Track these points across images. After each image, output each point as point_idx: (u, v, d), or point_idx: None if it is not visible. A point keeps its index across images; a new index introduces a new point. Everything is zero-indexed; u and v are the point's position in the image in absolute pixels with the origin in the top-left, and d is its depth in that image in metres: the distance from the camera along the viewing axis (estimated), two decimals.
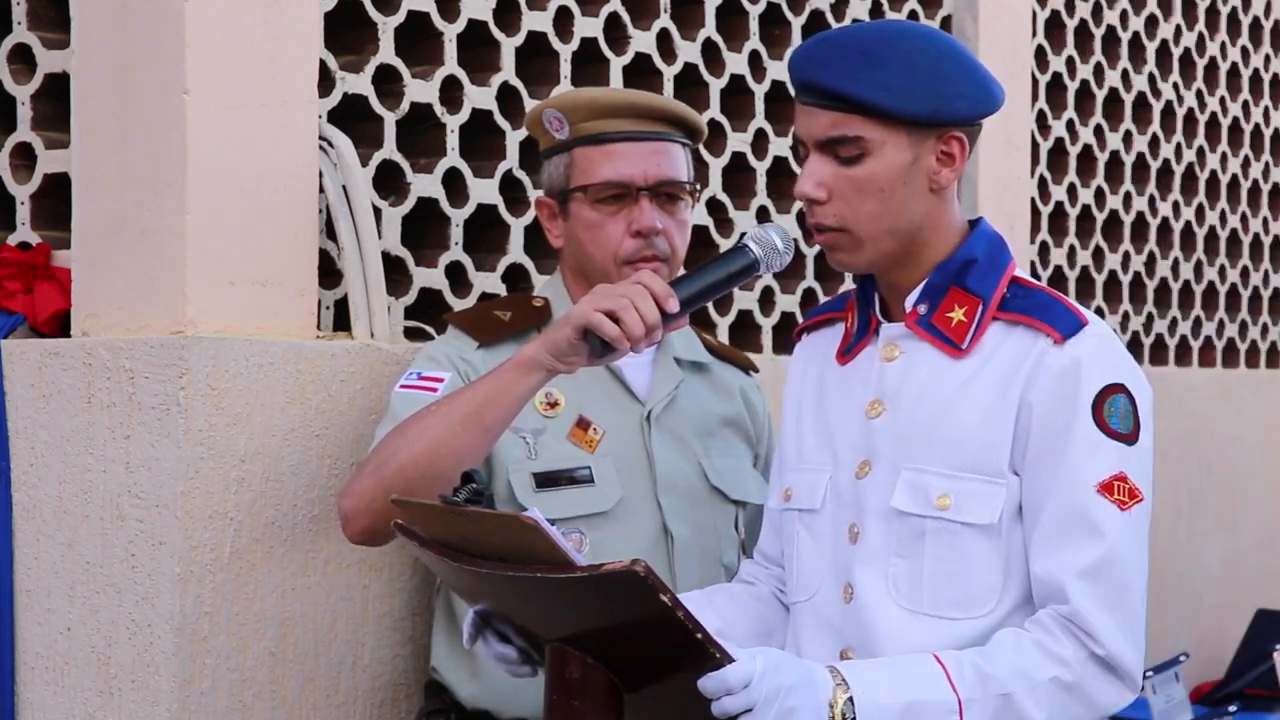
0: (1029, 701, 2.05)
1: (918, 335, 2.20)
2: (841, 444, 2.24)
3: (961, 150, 2.17)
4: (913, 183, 2.15)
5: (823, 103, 2.14)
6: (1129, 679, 2.10)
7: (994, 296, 2.17)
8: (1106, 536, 2.08)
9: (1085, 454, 2.09)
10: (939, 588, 2.14)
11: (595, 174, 2.59)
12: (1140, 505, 2.11)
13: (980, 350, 2.17)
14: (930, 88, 2.12)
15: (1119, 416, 2.11)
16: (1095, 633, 2.06)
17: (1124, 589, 2.09)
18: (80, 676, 2.68)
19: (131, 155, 2.68)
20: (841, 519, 2.22)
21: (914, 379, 2.19)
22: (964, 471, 2.13)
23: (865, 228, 2.15)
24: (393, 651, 2.83)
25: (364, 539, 2.46)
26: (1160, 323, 4.91)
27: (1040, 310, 2.15)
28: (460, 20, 3.08)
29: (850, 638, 2.19)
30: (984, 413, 2.14)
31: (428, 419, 2.37)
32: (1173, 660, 3.92)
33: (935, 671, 2.05)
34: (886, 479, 2.18)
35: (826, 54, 2.13)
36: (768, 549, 2.43)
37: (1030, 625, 2.10)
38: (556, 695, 1.98)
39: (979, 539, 2.13)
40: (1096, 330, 2.15)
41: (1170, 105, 4.94)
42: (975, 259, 2.19)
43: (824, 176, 2.16)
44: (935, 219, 2.19)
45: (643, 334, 2.22)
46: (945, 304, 2.18)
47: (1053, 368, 2.12)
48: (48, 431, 2.71)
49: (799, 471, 2.30)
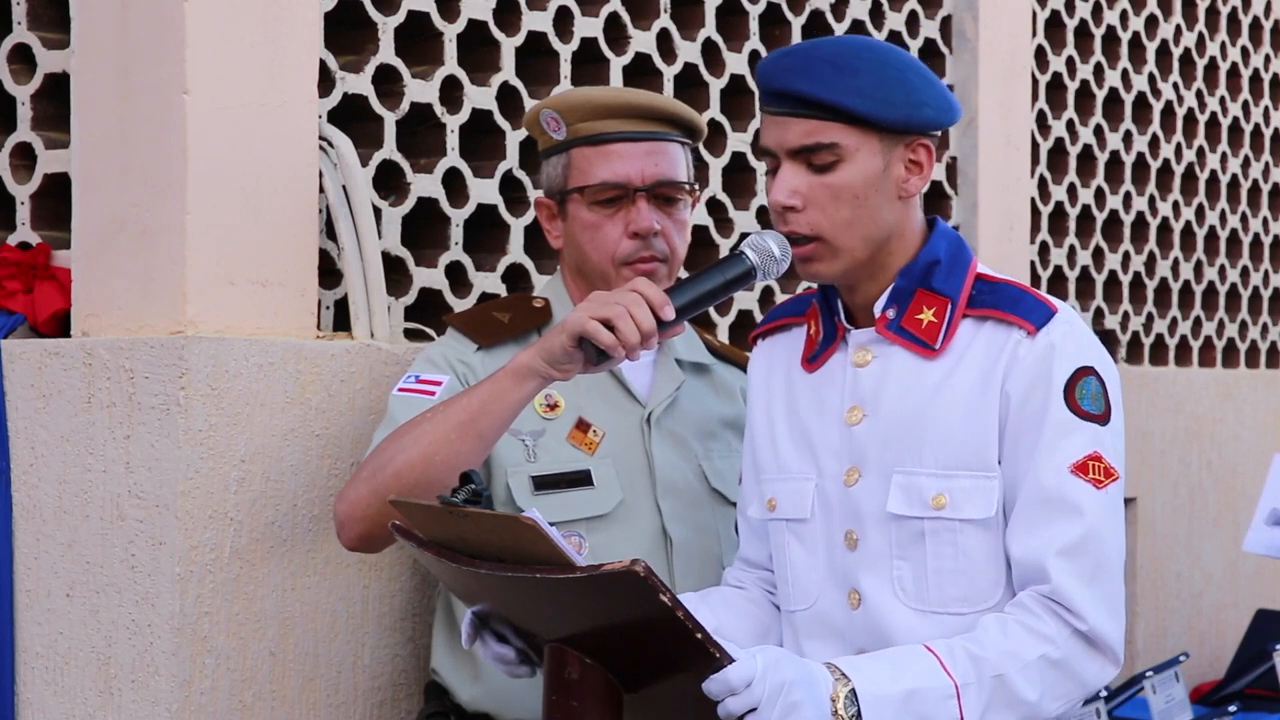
0: (1021, 680, 2.09)
1: (888, 339, 2.23)
2: (823, 452, 2.26)
3: (929, 158, 2.23)
4: (884, 190, 2.20)
5: (797, 111, 2.17)
6: (1111, 653, 2.14)
7: (961, 295, 2.22)
8: (1085, 515, 2.12)
9: (1060, 436, 2.14)
10: (944, 585, 2.17)
11: (592, 175, 2.59)
12: (1115, 484, 2.16)
13: (953, 349, 2.21)
14: (900, 95, 2.17)
15: (1090, 398, 2.16)
16: (1077, 608, 2.11)
17: (1102, 565, 2.13)
18: (80, 676, 2.68)
19: (131, 155, 2.68)
20: (835, 526, 2.24)
21: (890, 383, 2.22)
22: (955, 469, 2.17)
23: (841, 236, 2.19)
24: (393, 651, 2.83)
25: (359, 545, 2.46)
26: (1160, 323, 4.91)
27: (1010, 304, 2.20)
28: (460, 20, 3.08)
29: (860, 642, 2.21)
30: (966, 409, 2.17)
31: (423, 425, 2.37)
32: (1173, 660, 3.92)
33: (929, 660, 2.08)
34: (878, 484, 2.20)
35: (798, 64, 2.17)
36: (750, 555, 2.44)
37: (1012, 608, 2.13)
38: (555, 695, 1.98)
39: (978, 533, 2.17)
40: (1066, 317, 2.20)
41: (1170, 105, 4.94)
42: (938, 260, 2.23)
43: (798, 184, 2.19)
44: (902, 226, 2.23)
45: (638, 342, 2.22)
46: (913, 306, 2.22)
47: (1027, 358, 2.16)
48: (48, 431, 2.71)
49: (781, 481, 2.31)
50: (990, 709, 2.08)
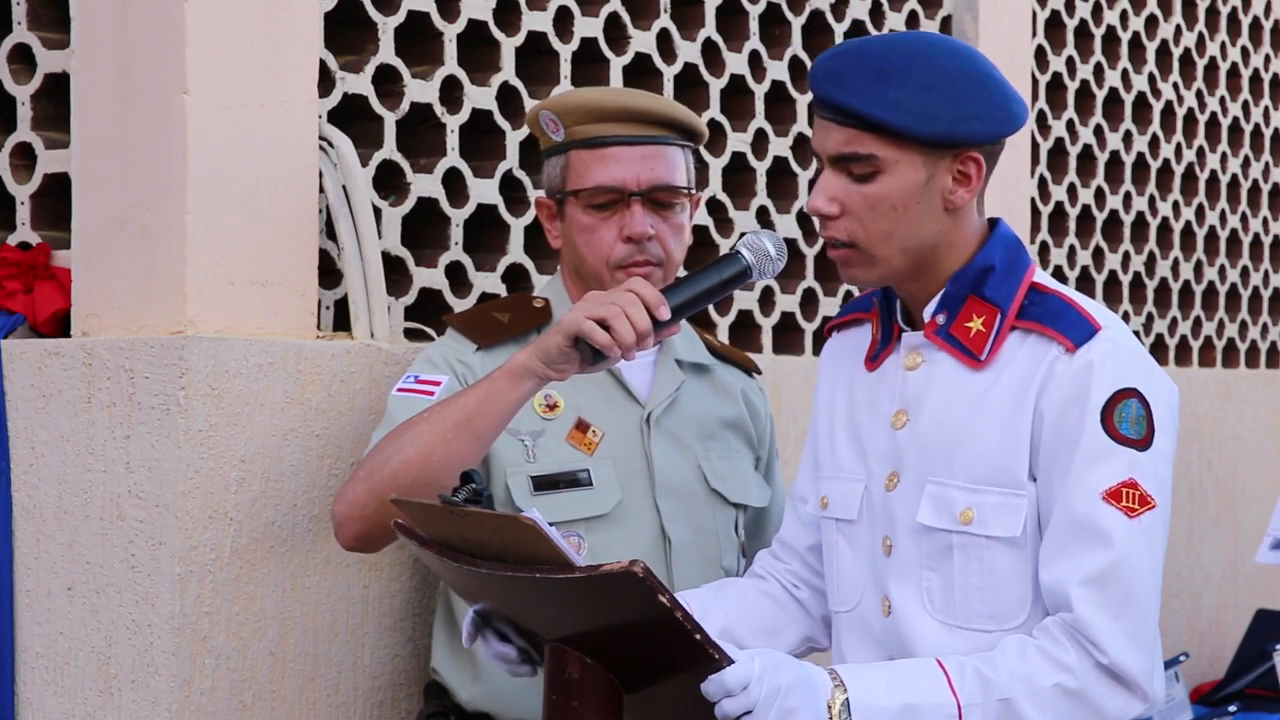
0: (1030, 707, 2.04)
1: (937, 345, 2.18)
2: (872, 454, 2.23)
3: (978, 170, 2.14)
4: (927, 202, 2.13)
5: (837, 118, 2.12)
6: (1137, 689, 2.08)
7: (1012, 305, 2.15)
8: (1114, 544, 2.05)
9: (1093, 461, 2.07)
10: (970, 600, 2.14)
11: (588, 178, 2.58)
12: (1152, 512, 2.08)
13: (998, 361, 2.15)
14: (946, 109, 2.09)
15: (1130, 422, 2.09)
16: (1099, 641, 2.05)
17: (1131, 597, 2.06)
18: (80, 676, 2.68)
19: (131, 155, 2.68)
20: (876, 531, 2.22)
21: (935, 389, 2.17)
22: (984, 485, 2.12)
23: (877, 245, 2.14)
24: (393, 651, 2.83)
25: (357, 545, 2.46)
26: (1160, 323, 4.91)
27: (1053, 318, 2.13)
28: (460, 20, 3.08)
29: (892, 649, 2.19)
30: (1002, 424, 2.12)
31: (420, 425, 2.37)
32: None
33: (936, 675, 2.05)
34: (912, 492, 2.17)
35: (844, 68, 2.10)
36: (791, 540, 2.41)
37: (1037, 632, 2.09)
38: (555, 695, 1.98)
39: (1005, 551, 2.12)
40: (1110, 335, 2.12)
41: (1170, 105, 4.94)
42: (993, 266, 2.17)
43: (836, 191, 2.14)
44: (950, 236, 2.16)
45: (634, 342, 2.22)
46: (964, 314, 2.16)
47: (1063, 375, 2.09)
48: (48, 431, 2.71)
49: (835, 480, 2.29)
50: None
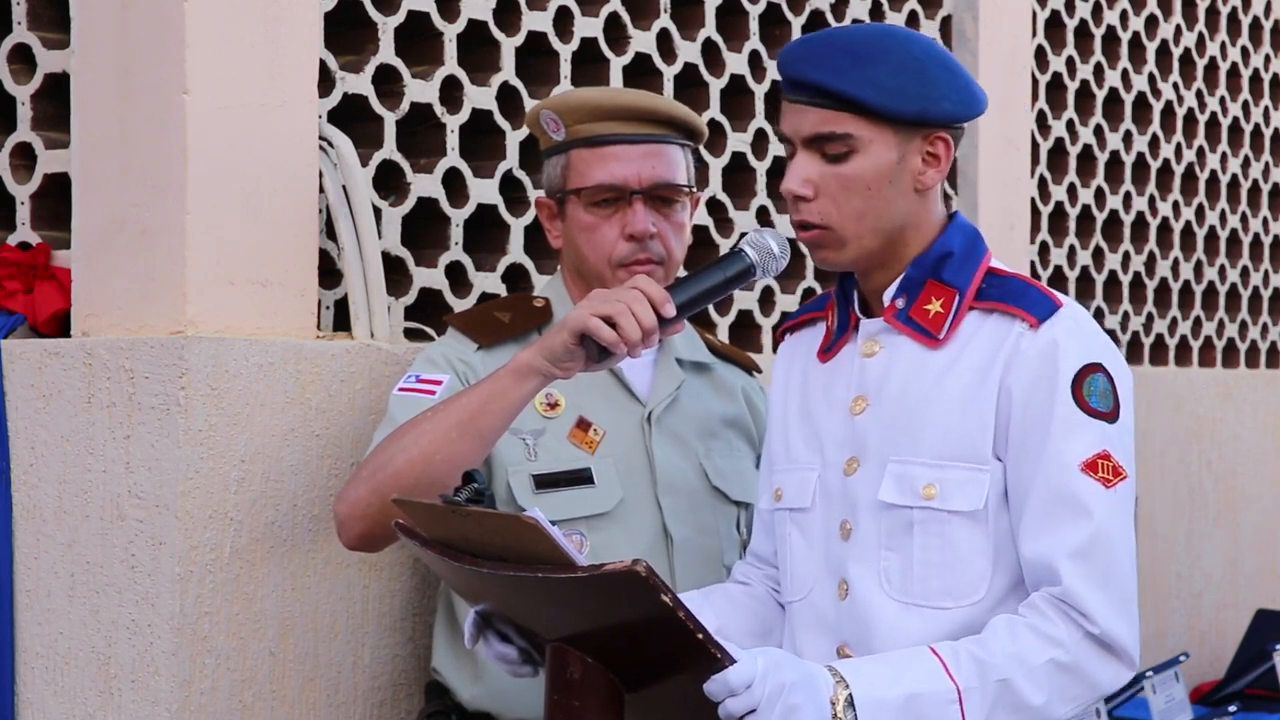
0: (1027, 685, 2.07)
1: (896, 329, 2.22)
2: (828, 442, 2.26)
3: (946, 151, 2.21)
4: (898, 182, 2.18)
5: (812, 100, 2.17)
6: (1126, 656, 2.12)
7: (970, 287, 2.20)
8: (1094, 515, 2.10)
9: (1067, 434, 2.12)
10: (929, 578, 2.16)
11: (589, 177, 2.59)
12: (1124, 482, 2.13)
13: (957, 339, 2.19)
14: (918, 89, 2.15)
15: (1098, 395, 2.14)
16: (1089, 612, 2.08)
17: (1114, 567, 2.11)
18: (80, 676, 2.68)
19: (131, 155, 2.68)
20: (832, 516, 2.24)
21: (895, 373, 2.21)
22: (948, 460, 2.16)
23: (850, 226, 2.18)
24: (393, 651, 2.83)
25: (359, 544, 2.46)
26: (1160, 323, 4.91)
27: (1014, 296, 2.18)
28: (460, 20, 3.08)
29: (846, 634, 2.21)
30: (964, 400, 2.16)
31: (423, 424, 2.37)
32: (1173, 660, 3.92)
33: (933, 663, 2.07)
34: (874, 473, 2.20)
35: (817, 52, 2.16)
36: (760, 549, 2.45)
37: (1024, 609, 2.12)
38: (557, 695, 1.98)
39: (966, 526, 2.15)
40: (1071, 312, 2.18)
41: (1170, 105, 4.94)
42: (951, 252, 2.22)
43: (811, 174, 2.18)
44: (918, 218, 2.22)
45: (639, 339, 2.23)
46: (923, 297, 2.21)
47: (1029, 351, 2.14)
48: (48, 431, 2.70)
49: (788, 471, 2.32)
50: (994, 714, 2.06)
